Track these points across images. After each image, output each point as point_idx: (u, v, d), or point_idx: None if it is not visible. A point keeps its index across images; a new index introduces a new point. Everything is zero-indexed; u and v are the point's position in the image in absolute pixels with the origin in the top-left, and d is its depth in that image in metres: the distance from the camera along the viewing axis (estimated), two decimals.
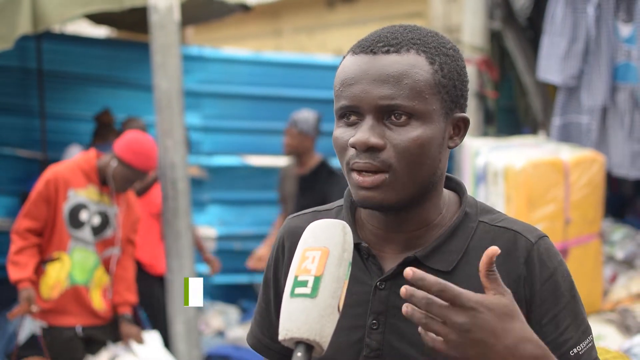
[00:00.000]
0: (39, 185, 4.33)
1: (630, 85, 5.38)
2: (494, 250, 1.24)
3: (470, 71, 6.99)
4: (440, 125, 1.39)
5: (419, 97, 1.35)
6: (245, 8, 6.56)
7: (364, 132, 1.35)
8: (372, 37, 1.40)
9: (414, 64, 1.36)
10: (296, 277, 1.25)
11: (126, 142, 4.44)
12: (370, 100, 1.36)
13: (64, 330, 4.40)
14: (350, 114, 1.39)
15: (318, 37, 11.10)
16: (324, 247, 1.27)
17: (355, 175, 1.37)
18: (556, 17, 5.79)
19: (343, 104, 1.39)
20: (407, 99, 1.35)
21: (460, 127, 1.44)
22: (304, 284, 1.23)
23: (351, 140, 1.36)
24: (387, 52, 1.37)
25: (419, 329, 1.24)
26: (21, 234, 4.30)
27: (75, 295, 4.40)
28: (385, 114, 1.36)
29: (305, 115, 5.47)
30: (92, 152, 4.54)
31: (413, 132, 1.35)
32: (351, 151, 1.37)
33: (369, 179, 1.36)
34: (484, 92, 7.04)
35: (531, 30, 6.97)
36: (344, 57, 1.44)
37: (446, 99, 1.39)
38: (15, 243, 4.29)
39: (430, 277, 1.21)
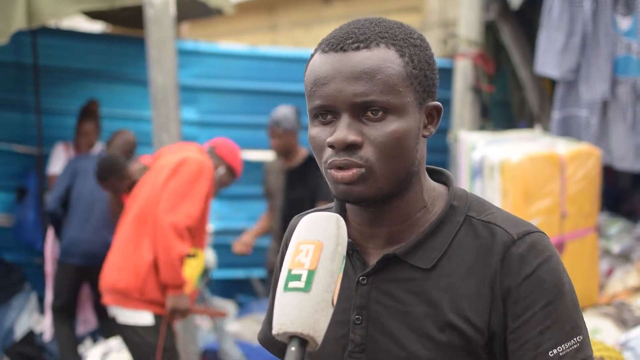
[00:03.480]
0: (207, 176, 4.13)
1: (632, 78, 5.37)
2: None
3: (467, 65, 6.99)
4: (416, 117, 1.39)
5: (393, 91, 1.35)
6: (221, 12, 6.57)
7: (342, 131, 1.35)
8: (340, 34, 1.40)
9: (385, 58, 1.36)
10: (290, 270, 1.25)
11: (235, 154, 4.56)
12: (344, 99, 1.35)
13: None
14: (326, 113, 1.39)
15: (314, 31, 11.08)
16: (318, 241, 1.26)
17: (333, 172, 1.37)
18: (553, 11, 5.79)
19: (317, 104, 1.38)
20: (381, 94, 1.35)
21: (434, 116, 1.44)
22: (297, 277, 1.23)
23: (329, 139, 1.36)
24: (357, 48, 1.36)
25: None
26: (185, 234, 4.01)
27: (192, 298, 4.25)
28: (361, 110, 1.36)
29: (285, 113, 5.50)
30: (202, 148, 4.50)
31: (389, 127, 1.35)
32: (329, 150, 1.37)
33: (347, 174, 1.36)
34: (480, 86, 7.04)
35: (527, 24, 6.97)
36: (312, 56, 1.43)
37: (419, 90, 1.39)
38: (186, 241, 4.00)
39: None
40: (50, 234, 5.94)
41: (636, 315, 4.74)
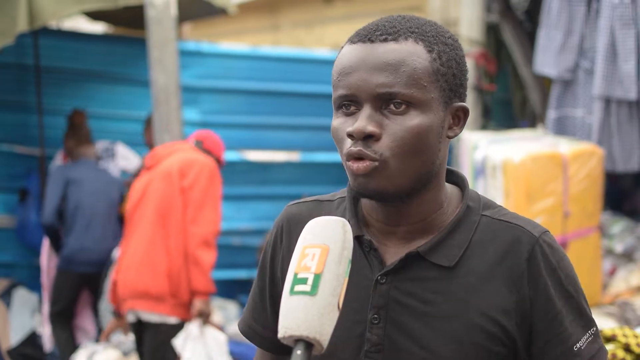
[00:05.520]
0: (218, 178, 4.41)
1: None
2: None
3: (468, 64, 6.98)
4: (439, 115, 1.38)
5: (417, 85, 1.34)
6: (225, 12, 6.58)
7: (362, 121, 1.34)
8: (370, 27, 1.39)
9: (412, 52, 1.35)
10: (296, 274, 1.24)
11: (220, 146, 4.69)
12: (368, 89, 1.34)
13: None
14: (349, 104, 1.38)
15: (316, 31, 11.08)
16: (324, 245, 1.26)
17: (350, 163, 1.37)
18: (552, 10, 5.78)
19: (341, 93, 1.38)
20: (405, 86, 1.34)
21: (460, 117, 1.43)
22: (303, 281, 1.22)
23: (348, 129, 1.35)
24: (385, 40, 1.36)
25: None
26: (213, 242, 4.32)
27: None
28: (384, 102, 1.35)
29: None
30: None
31: (411, 121, 1.34)
32: (348, 141, 1.36)
33: (361, 165, 1.35)
34: (482, 85, 7.03)
35: (529, 23, 6.96)
36: (342, 48, 1.43)
37: (445, 88, 1.38)
38: (213, 248, 4.30)
39: None
40: (46, 245, 5.92)
41: (639, 315, 4.73)
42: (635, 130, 5.43)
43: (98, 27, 9.07)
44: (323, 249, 1.25)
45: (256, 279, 1.62)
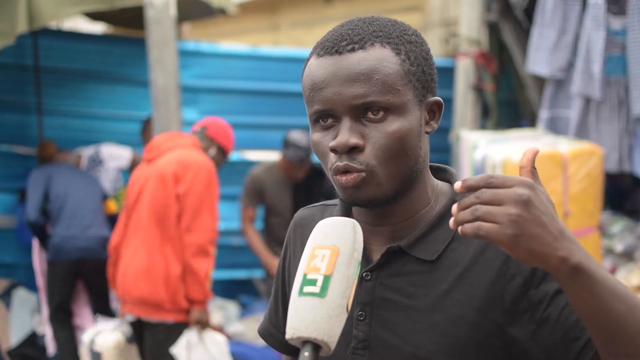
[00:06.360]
0: (214, 180, 4.30)
1: (621, 77, 5.36)
2: (535, 149, 1.23)
3: (468, 64, 6.98)
4: (416, 114, 1.38)
5: (392, 90, 1.35)
6: (225, 12, 6.59)
7: (344, 134, 1.34)
8: (334, 37, 1.39)
9: (381, 58, 1.35)
10: (305, 275, 1.24)
11: (226, 133, 4.60)
12: (343, 102, 1.35)
13: None
14: (326, 117, 1.38)
15: (315, 31, 11.07)
16: (334, 246, 1.25)
17: (338, 177, 1.37)
18: (546, 9, 5.78)
19: (317, 109, 1.38)
20: (380, 94, 1.34)
21: (435, 111, 1.44)
22: (313, 282, 1.22)
23: (331, 144, 1.35)
24: (353, 49, 1.36)
25: (459, 229, 1.16)
26: (210, 250, 4.28)
27: None
28: (362, 112, 1.35)
29: (307, 140, 5.57)
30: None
31: (391, 127, 1.35)
32: (332, 155, 1.37)
33: (350, 178, 1.35)
34: (482, 86, 7.03)
35: (528, 23, 6.96)
36: (307, 60, 1.43)
37: (417, 87, 1.38)
38: (210, 256, 4.27)
39: (475, 177, 1.18)
40: (36, 246, 5.91)
41: None
42: (615, 131, 5.43)
43: (98, 28, 9.06)
44: (333, 250, 1.25)
45: (273, 288, 1.67)
